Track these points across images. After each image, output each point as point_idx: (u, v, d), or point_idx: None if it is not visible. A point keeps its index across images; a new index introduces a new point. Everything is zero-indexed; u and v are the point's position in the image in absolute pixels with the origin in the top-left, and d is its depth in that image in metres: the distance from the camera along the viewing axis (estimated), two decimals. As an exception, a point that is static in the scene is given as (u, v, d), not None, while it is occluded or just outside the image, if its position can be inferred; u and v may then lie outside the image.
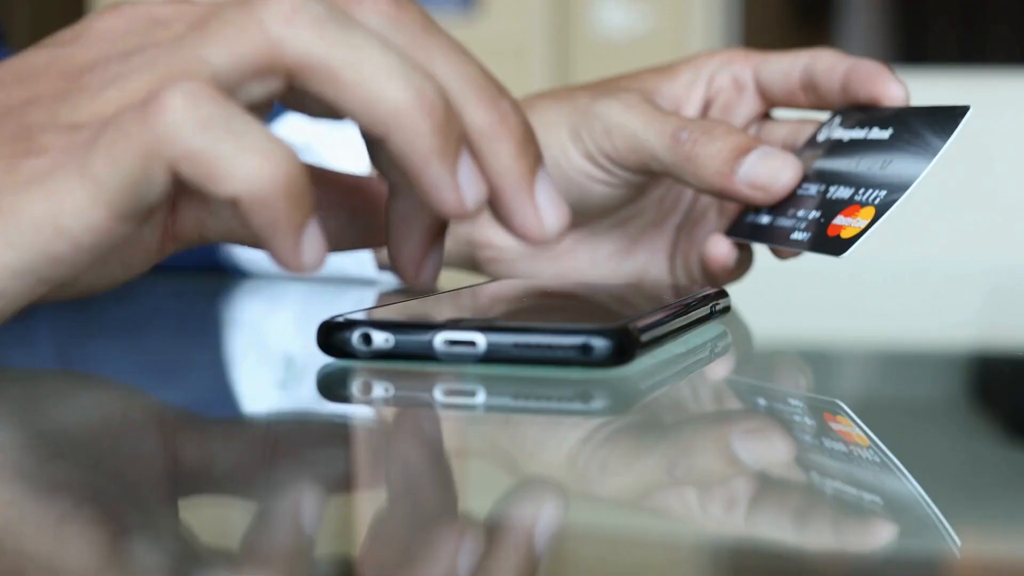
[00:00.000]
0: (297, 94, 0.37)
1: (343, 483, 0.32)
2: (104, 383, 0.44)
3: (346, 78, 0.35)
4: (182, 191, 0.36)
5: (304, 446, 0.35)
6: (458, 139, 0.36)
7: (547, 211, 0.38)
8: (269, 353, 0.52)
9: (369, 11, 0.37)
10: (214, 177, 0.34)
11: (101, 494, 0.30)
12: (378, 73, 0.35)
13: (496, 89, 0.38)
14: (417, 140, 0.35)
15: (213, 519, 0.29)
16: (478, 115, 0.37)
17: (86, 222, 0.35)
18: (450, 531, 0.28)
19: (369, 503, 0.30)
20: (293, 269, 0.35)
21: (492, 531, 0.27)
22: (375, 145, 0.38)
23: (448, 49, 0.37)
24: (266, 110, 0.37)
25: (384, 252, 0.65)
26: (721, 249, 0.57)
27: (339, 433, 0.37)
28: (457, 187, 0.36)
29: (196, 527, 0.28)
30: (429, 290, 0.41)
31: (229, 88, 0.35)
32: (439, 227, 0.40)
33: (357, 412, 0.39)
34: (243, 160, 0.33)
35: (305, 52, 0.35)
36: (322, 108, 0.37)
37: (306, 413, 0.39)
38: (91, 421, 0.37)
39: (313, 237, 0.35)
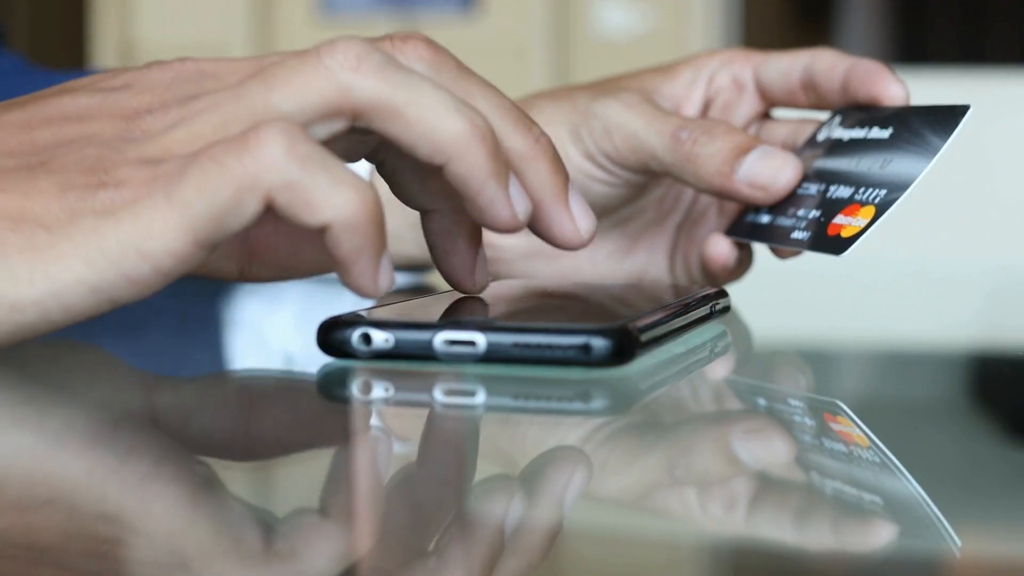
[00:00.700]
0: (337, 139, 0.40)
1: (342, 483, 0.32)
2: (94, 357, 0.44)
3: (410, 115, 0.39)
4: None
5: (303, 447, 0.35)
6: (506, 163, 0.40)
7: (581, 218, 0.43)
8: (269, 353, 0.52)
9: (412, 57, 0.41)
10: (311, 206, 0.37)
11: (95, 459, 0.30)
12: (437, 109, 0.39)
13: (527, 118, 0.42)
14: (476, 165, 0.39)
15: (212, 520, 0.29)
16: (517, 141, 0.41)
17: (169, 246, 0.36)
18: (449, 532, 0.27)
19: (369, 503, 0.30)
20: (370, 294, 0.38)
21: (491, 532, 0.27)
22: (405, 179, 0.43)
23: (483, 86, 0.42)
24: None
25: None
26: (721, 249, 0.57)
27: (338, 434, 0.37)
28: (510, 203, 0.40)
29: (195, 527, 0.28)
30: (482, 291, 0.45)
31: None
32: (478, 235, 0.44)
33: (357, 412, 0.39)
34: (338, 191, 0.37)
35: (373, 95, 0.38)
36: (345, 151, 0.41)
37: (305, 413, 0.39)
38: (87, 419, 0.37)
39: (387, 262, 0.38)
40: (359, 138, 0.42)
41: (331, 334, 0.40)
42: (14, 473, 0.30)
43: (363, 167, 0.64)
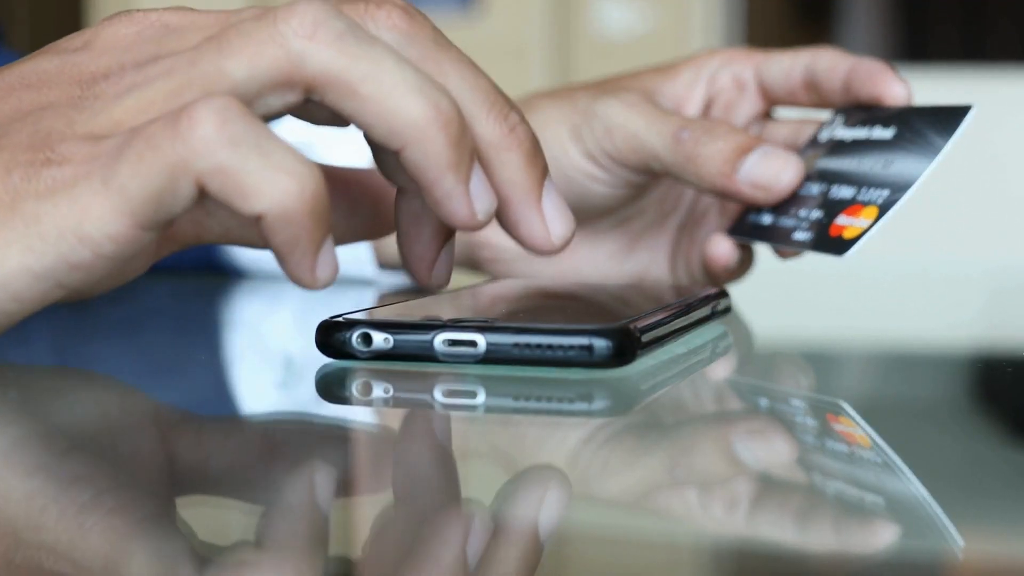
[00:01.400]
0: (306, 104, 0.37)
1: (342, 484, 0.31)
2: (102, 382, 0.44)
3: (365, 92, 0.36)
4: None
5: (302, 447, 0.35)
6: (471, 152, 0.37)
7: (553, 221, 0.39)
8: (268, 353, 0.51)
9: (383, 25, 0.38)
10: (242, 193, 0.34)
11: (98, 493, 0.30)
12: (397, 88, 0.36)
13: (505, 102, 0.39)
14: (433, 153, 0.36)
15: (211, 520, 0.29)
16: (488, 127, 0.38)
17: (109, 230, 0.35)
18: (450, 532, 0.27)
19: (368, 504, 0.30)
20: (307, 286, 0.36)
21: (492, 532, 0.27)
22: (382, 152, 0.39)
23: (459, 62, 0.38)
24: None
25: (385, 251, 0.65)
26: (722, 249, 0.57)
27: (338, 434, 0.37)
28: (469, 199, 0.37)
29: (194, 527, 0.28)
30: (439, 290, 0.42)
31: (248, 100, 0.36)
32: (449, 228, 0.41)
33: (356, 413, 0.39)
34: (271, 178, 0.34)
35: (326, 67, 0.36)
36: (328, 118, 0.38)
37: (305, 414, 0.39)
38: (88, 420, 0.37)
39: (328, 254, 0.36)
40: None
41: (330, 334, 0.40)
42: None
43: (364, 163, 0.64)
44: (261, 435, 0.37)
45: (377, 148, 0.39)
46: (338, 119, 0.38)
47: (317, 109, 0.38)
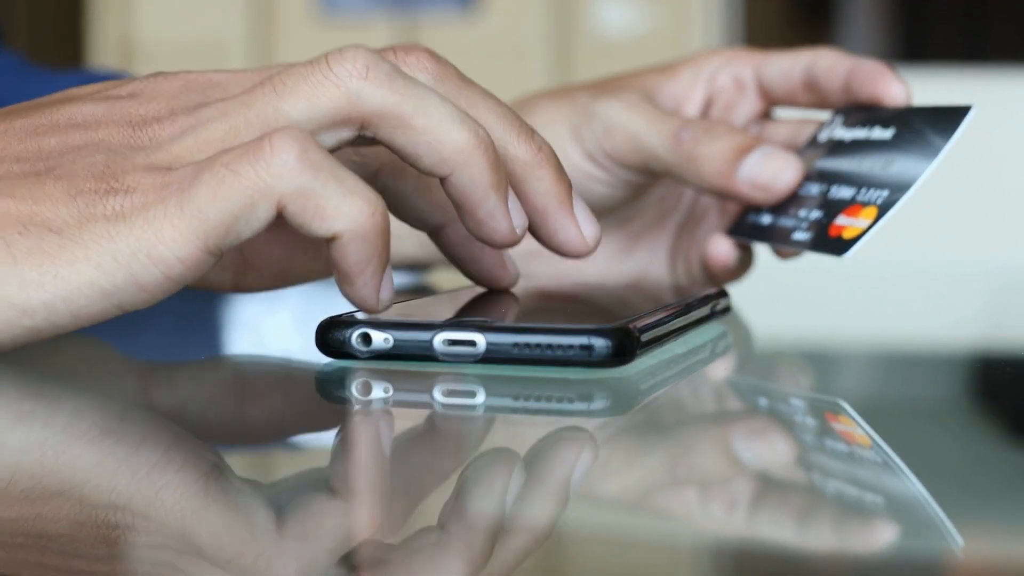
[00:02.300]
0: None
1: (341, 485, 0.31)
2: (98, 350, 0.44)
3: (417, 125, 0.39)
4: None
5: (302, 447, 0.35)
6: (506, 175, 0.41)
7: (586, 226, 0.43)
8: (268, 353, 0.51)
9: (416, 67, 0.41)
10: (322, 215, 0.37)
11: (105, 450, 0.30)
12: (444, 120, 0.39)
13: (529, 127, 0.42)
14: (478, 176, 0.39)
15: (222, 505, 0.29)
16: (521, 149, 0.42)
17: (180, 252, 0.36)
18: (450, 532, 0.27)
19: (368, 505, 0.30)
20: (370, 308, 0.39)
21: (492, 532, 0.27)
22: (407, 199, 0.43)
23: (485, 96, 0.42)
24: None
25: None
26: (722, 249, 0.57)
27: (337, 434, 0.37)
28: (510, 217, 0.40)
29: (205, 513, 0.28)
30: (514, 284, 0.45)
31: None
32: None
33: (356, 413, 0.39)
34: (349, 201, 0.37)
35: (382, 104, 0.39)
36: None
37: (304, 414, 0.39)
38: (85, 420, 0.37)
39: (389, 277, 0.39)
40: (358, 162, 0.43)
41: (330, 334, 0.40)
42: (24, 466, 0.30)
43: None
44: (260, 436, 0.37)
45: (403, 198, 0.43)
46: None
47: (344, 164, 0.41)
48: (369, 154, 0.43)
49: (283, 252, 0.45)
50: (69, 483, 0.29)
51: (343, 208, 0.37)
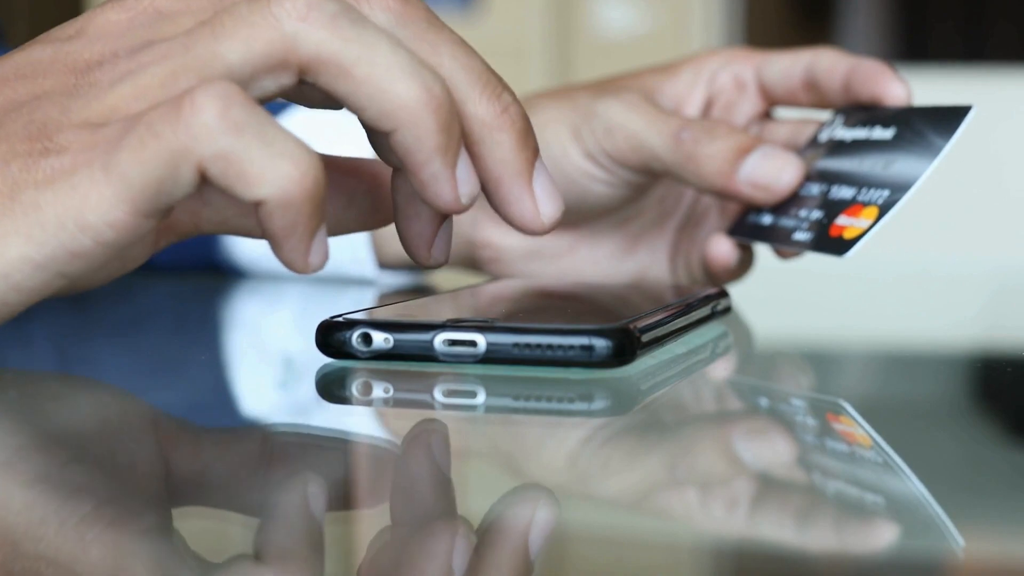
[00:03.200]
0: (300, 86, 0.37)
1: (341, 485, 0.31)
2: (101, 388, 0.44)
3: (358, 74, 0.36)
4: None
5: (302, 447, 0.35)
6: (459, 137, 0.37)
7: (544, 202, 0.39)
8: (268, 353, 0.51)
9: (377, 7, 0.38)
10: (244, 180, 0.34)
11: (95, 499, 0.29)
12: (390, 71, 0.36)
13: (498, 82, 0.39)
14: (423, 136, 0.36)
15: (210, 533, 0.29)
16: (481, 107, 0.38)
17: (109, 218, 0.35)
18: (449, 532, 0.27)
19: (368, 505, 0.30)
20: (299, 270, 0.36)
21: (492, 532, 0.27)
22: (376, 134, 0.39)
23: (452, 43, 0.38)
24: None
25: (385, 251, 0.65)
26: (722, 249, 0.57)
27: (337, 434, 0.37)
28: (455, 182, 0.37)
29: (193, 540, 0.28)
30: (437, 267, 0.42)
31: (243, 83, 0.36)
32: None
33: (356, 413, 0.39)
34: (274, 164, 0.34)
35: (319, 48, 0.36)
36: (322, 100, 0.38)
37: (305, 414, 0.39)
38: (88, 427, 0.37)
39: (321, 240, 0.36)
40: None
41: (330, 334, 0.40)
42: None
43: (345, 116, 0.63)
44: (260, 443, 0.37)
45: (371, 130, 0.39)
46: (331, 101, 0.38)
47: (310, 91, 0.38)
48: None
49: None
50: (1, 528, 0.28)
51: (267, 172, 0.34)
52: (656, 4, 2.29)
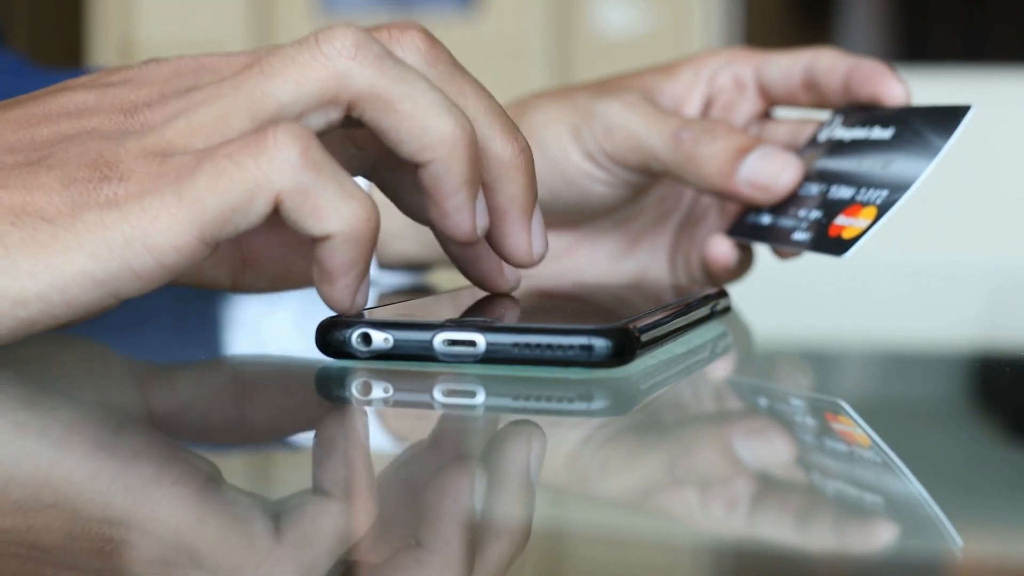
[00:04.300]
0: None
1: (341, 485, 0.31)
2: (98, 357, 0.44)
3: (403, 110, 0.39)
4: None
5: (301, 447, 0.35)
6: (480, 172, 0.40)
7: (536, 239, 0.42)
8: (268, 353, 0.51)
9: (408, 49, 0.40)
10: (318, 214, 0.37)
11: (99, 463, 0.30)
12: (430, 107, 0.39)
13: (515, 126, 0.42)
14: (454, 170, 0.39)
15: (206, 535, 0.29)
16: (502, 146, 0.41)
17: (176, 241, 0.36)
18: (449, 532, 0.27)
19: (368, 504, 0.30)
20: (344, 309, 0.39)
21: (491, 532, 0.27)
22: (402, 192, 0.43)
23: (474, 86, 0.41)
24: None
25: (385, 251, 0.65)
26: (722, 249, 0.57)
27: (337, 433, 0.37)
28: (474, 215, 0.40)
29: (189, 542, 0.28)
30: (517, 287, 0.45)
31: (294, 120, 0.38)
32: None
33: (356, 413, 0.39)
34: (346, 203, 0.37)
35: (369, 85, 0.38)
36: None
37: (304, 414, 0.39)
38: (79, 432, 0.37)
39: (367, 283, 0.39)
40: (356, 154, 0.42)
41: (330, 334, 0.40)
42: (18, 476, 0.30)
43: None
44: (260, 436, 0.37)
45: (403, 190, 0.43)
46: (348, 171, 0.41)
47: (342, 155, 0.41)
48: (368, 146, 0.43)
49: (282, 254, 0.45)
50: (63, 496, 0.29)
51: (340, 210, 0.37)
52: (656, 4, 2.29)
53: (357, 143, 0.43)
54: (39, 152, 0.38)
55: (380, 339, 0.39)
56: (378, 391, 0.39)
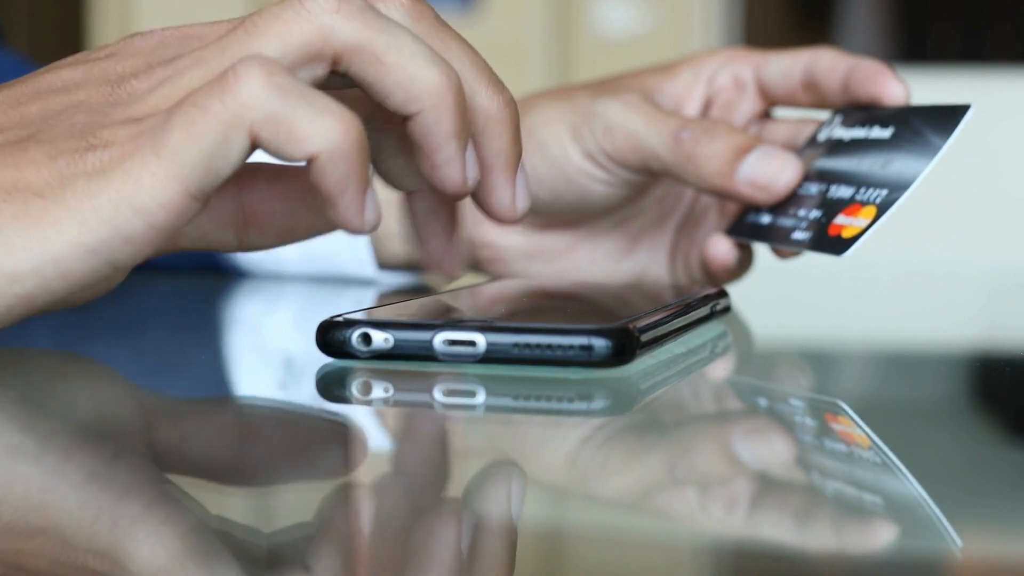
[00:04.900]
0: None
1: (341, 484, 0.31)
2: (103, 381, 0.44)
3: (389, 61, 0.38)
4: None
5: (302, 447, 0.35)
6: (469, 123, 0.40)
7: (521, 196, 0.42)
8: (268, 353, 0.52)
9: (392, 5, 0.40)
10: (295, 138, 0.36)
11: (90, 494, 0.30)
12: (415, 57, 0.38)
13: (500, 80, 0.41)
14: (443, 119, 0.39)
15: (250, 506, 0.29)
16: (487, 100, 0.41)
17: (162, 199, 0.36)
18: (449, 532, 0.27)
19: (368, 504, 0.30)
20: (356, 228, 0.38)
21: (491, 532, 0.27)
22: (388, 158, 0.42)
23: (459, 40, 0.41)
24: None
25: (385, 251, 0.65)
26: (722, 249, 0.57)
27: (337, 434, 0.37)
28: (464, 166, 0.40)
29: (191, 529, 0.28)
30: (457, 278, 0.44)
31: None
32: (454, 221, 0.43)
33: (356, 413, 0.39)
34: (322, 120, 0.36)
35: (353, 38, 0.38)
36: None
37: (305, 414, 0.39)
38: (86, 419, 0.37)
39: (373, 198, 0.38)
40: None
41: (330, 334, 0.40)
42: (9, 500, 0.30)
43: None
44: (261, 436, 0.37)
45: (385, 154, 0.42)
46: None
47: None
48: (354, 107, 0.41)
49: (284, 207, 0.44)
50: (53, 523, 0.28)
51: (316, 128, 0.36)
52: (656, 4, 2.29)
53: (343, 104, 0.42)
54: (28, 129, 0.38)
55: (380, 339, 0.39)
56: (378, 391, 0.39)
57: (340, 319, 0.40)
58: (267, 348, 0.53)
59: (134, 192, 0.36)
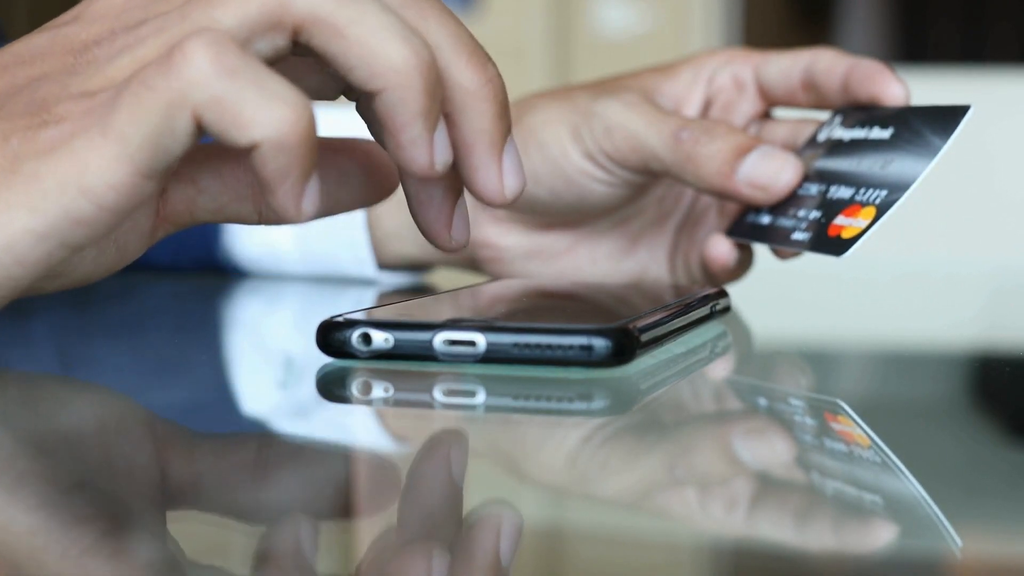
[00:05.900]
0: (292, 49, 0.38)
1: (340, 483, 0.31)
2: (102, 390, 0.44)
3: (350, 35, 0.37)
4: (172, 173, 0.37)
5: (302, 447, 0.35)
6: (440, 104, 0.38)
7: (509, 175, 0.40)
8: (268, 353, 0.52)
9: None
10: (239, 123, 0.35)
11: (91, 504, 0.30)
12: (380, 32, 0.37)
13: (484, 53, 0.39)
14: (408, 99, 0.37)
15: (208, 520, 0.29)
16: (466, 75, 0.39)
17: (110, 179, 0.35)
18: (448, 532, 0.27)
19: (368, 503, 0.30)
20: (291, 218, 0.36)
21: (492, 532, 0.27)
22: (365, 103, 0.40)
23: (439, 11, 0.39)
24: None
25: (385, 251, 0.65)
26: (721, 249, 0.57)
27: (337, 434, 0.37)
28: (432, 148, 0.38)
29: (191, 530, 0.28)
30: (461, 250, 0.42)
31: (240, 45, 0.36)
32: (457, 188, 0.41)
33: (356, 412, 0.39)
34: (269, 107, 0.35)
35: (313, 8, 0.36)
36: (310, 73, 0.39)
37: (305, 414, 0.39)
38: (87, 425, 0.37)
39: (314, 188, 0.36)
40: (326, 80, 0.41)
41: (331, 334, 0.40)
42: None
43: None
44: (261, 436, 0.37)
45: (365, 113, 0.40)
46: (324, 94, 0.39)
47: (315, 78, 0.39)
48: (338, 72, 0.39)
49: None
50: (7, 547, 0.28)
51: (261, 115, 0.34)
52: (656, 4, 2.29)
53: (328, 69, 0.41)
54: None
55: (380, 339, 0.39)
56: (378, 391, 0.39)
57: (340, 319, 0.40)
58: (267, 348, 0.53)
59: (82, 173, 0.35)
